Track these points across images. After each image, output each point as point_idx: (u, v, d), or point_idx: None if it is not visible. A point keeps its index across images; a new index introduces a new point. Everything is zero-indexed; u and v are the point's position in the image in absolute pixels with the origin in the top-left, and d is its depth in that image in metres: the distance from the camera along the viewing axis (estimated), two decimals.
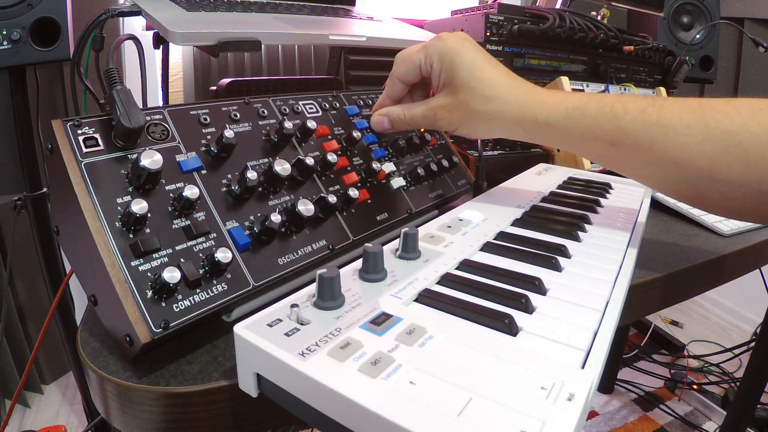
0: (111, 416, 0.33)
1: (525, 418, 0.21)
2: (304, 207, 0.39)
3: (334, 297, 0.30)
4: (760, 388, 1.18)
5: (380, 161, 0.51)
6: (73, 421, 1.42)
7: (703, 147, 0.39)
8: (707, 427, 1.49)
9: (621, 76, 0.93)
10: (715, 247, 0.57)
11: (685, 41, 1.14)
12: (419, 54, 0.47)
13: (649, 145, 0.40)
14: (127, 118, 0.34)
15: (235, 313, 0.37)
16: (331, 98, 0.53)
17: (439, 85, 0.47)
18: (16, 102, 0.82)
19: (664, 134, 0.40)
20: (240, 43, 0.55)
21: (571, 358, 0.27)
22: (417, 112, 0.48)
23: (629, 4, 1.09)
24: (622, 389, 1.66)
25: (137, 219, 0.32)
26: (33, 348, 1.04)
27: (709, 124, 0.38)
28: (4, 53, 0.71)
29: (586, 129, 0.43)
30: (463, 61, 0.45)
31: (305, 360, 0.25)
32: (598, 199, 0.54)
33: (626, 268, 0.39)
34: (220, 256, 0.33)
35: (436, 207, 0.56)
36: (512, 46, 0.80)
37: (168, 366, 0.32)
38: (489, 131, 0.47)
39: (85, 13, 0.85)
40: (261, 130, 0.44)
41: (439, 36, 0.47)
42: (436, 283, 0.35)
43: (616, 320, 0.31)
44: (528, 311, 0.31)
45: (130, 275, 0.31)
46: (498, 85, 0.45)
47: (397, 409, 0.21)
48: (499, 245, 0.41)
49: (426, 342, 0.27)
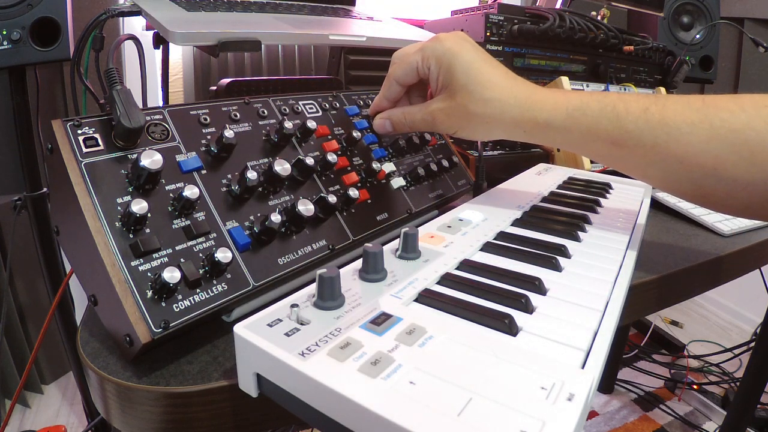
0: (111, 416, 0.33)
1: (525, 418, 0.21)
2: (304, 207, 0.39)
3: (334, 297, 0.30)
4: (760, 388, 1.18)
5: (380, 161, 0.51)
6: (73, 421, 1.42)
7: (707, 146, 0.38)
8: (707, 427, 1.49)
9: (621, 76, 0.93)
10: (715, 247, 0.57)
11: (685, 41, 1.14)
12: (416, 56, 0.46)
13: (652, 144, 0.40)
14: (127, 118, 0.34)
15: (235, 313, 0.37)
16: (331, 98, 0.53)
17: (437, 88, 0.46)
18: (16, 102, 0.82)
19: (668, 133, 0.39)
20: (240, 43, 0.55)
21: (571, 358, 0.27)
22: (416, 116, 0.48)
23: (629, 4, 1.09)
24: (622, 389, 1.66)
25: (137, 219, 0.32)
26: (33, 348, 1.04)
27: (714, 123, 0.38)
28: (4, 53, 0.71)
29: (588, 129, 0.42)
30: (461, 62, 0.44)
31: (305, 360, 0.25)
32: (598, 199, 0.54)
33: (626, 268, 0.39)
34: (220, 256, 0.33)
35: (436, 207, 0.56)
36: (512, 46, 0.80)
37: (168, 366, 0.32)
38: (488, 133, 0.46)
39: (85, 13, 0.85)
40: (261, 130, 0.44)
41: (436, 37, 0.46)
42: (436, 283, 0.35)
43: (616, 320, 0.31)
44: (528, 311, 0.31)
45: (130, 275, 0.31)
46: (497, 86, 0.44)
47: (397, 409, 0.21)
48: (499, 245, 0.41)
49: (426, 342, 0.27)
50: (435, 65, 0.45)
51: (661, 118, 0.40)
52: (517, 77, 0.46)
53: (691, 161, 0.39)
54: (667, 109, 0.40)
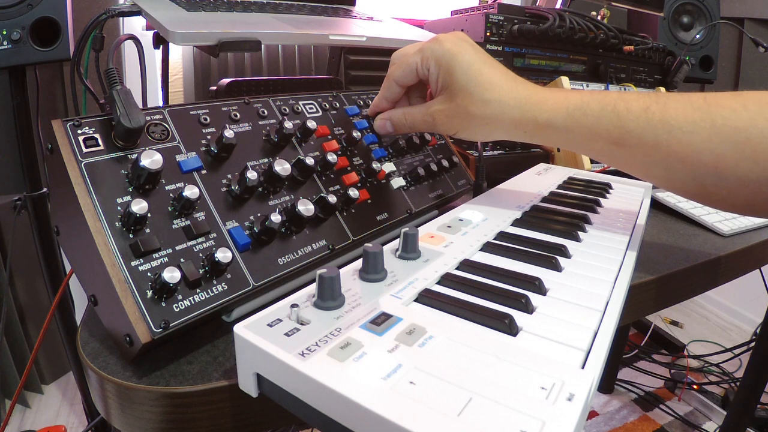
0: (111, 416, 0.33)
1: (525, 418, 0.21)
2: (304, 207, 0.39)
3: (334, 297, 0.30)
4: (760, 388, 1.18)
5: (380, 161, 0.51)
6: (73, 421, 1.42)
7: (709, 144, 0.38)
8: (707, 427, 1.49)
9: (621, 76, 0.93)
10: (715, 247, 0.57)
11: (685, 41, 1.14)
12: (416, 57, 0.46)
13: (654, 143, 0.40)
14: (127, 118, 0.34)
15: (235, 313, 0.37)
16: (331, 98, 0.53)
17: (437, 89, 0.46)
18: (16, 102, 0.82)
19: (669, 132, 0.39)
20: (240, 43, 0.55)
21: (571, 358, 0.27)
22: (417, 117, 0.48)
23: (629, 4, 1.09)
24: (622, 389, 1.66)
25: (137, 219, 0.32)
26: (33, 348, 1.04)
27: (716, 121, 0.38)
28: (4, 53, 0.71)
29: (589, 129, 0.42)
30: (461, 63, 0.44)
31: (305, 360, 0.25)
32: (598, 199, 0.54)
33: (626, 268, 0.39)
34: (220, 256, 0.33)
35: (436, 207, 0.56)
36: (512, 46, 0.80)
37: (168, 366, 0.32)
38: (489, 134, 0.46)
39: (85, 13, 0.85)
40: (261, 130, 0.44)
41: (436, 38, 0.46)
42: (436, 283, 0.35)
43: (616, 320, 0.31)
44: (528, 311, 0.31)
45: (130, 275, 0.31)
46: (497, 87, 0.44)
47: (397, 409, 0.21)
48: (499, 245, 0.41)
49: (426, 342, 0.27)
50: (435, 66, 0.45)
51: (662, 116, 0.39)
52: (516, 78, 0.46)
53: (693, 159, 0.39)
54: (669, 108, 0.40)
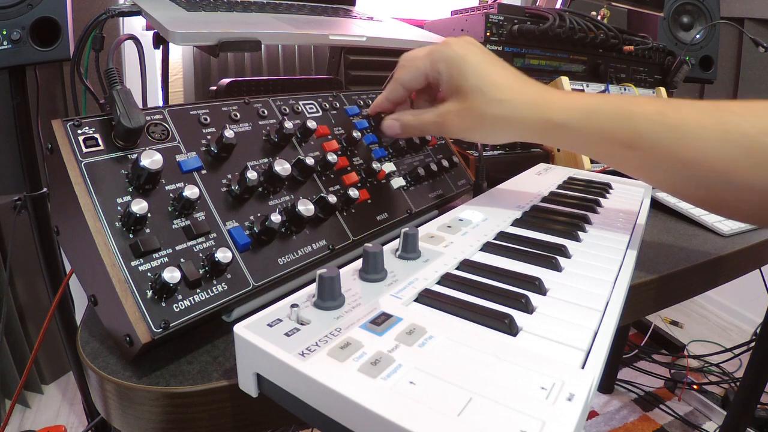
0: (111, 416, 0.33)
1: (525, 418, 0.21)
2: (304, 207, 0.39)
3: (334, 297, 0.30)
4: (760, 388, 1.18)
5: (380, 161, 0.51)
6: (73, 421, 1.42)
7: (720, 150, 0.38)
8: (707, 427, 1.49)
9: (621, 76, 0.93)
10: (715, 247, 0.57)
11: (685, 41, 1.14)
12: (425, 60, 0.46)
13: (666, 147, 0.39)
14: (127, 118, 0.34)
15: (235, 313, 0.37)
16: (331, 98, 0.53)
17: (448, 92, 0.46)
18: (16, 102, 0.82)
19: (681, 137, 0.39)
20: (240, 43, 0.55)
21: (571, 358, 0.27)
22: (427, 119, 0.48)
23: (629, 4, 1.09)
24: (622, 389, 1.66)
25: (137, 219, 0.32)
26: (33, 348, 1.04)
27: (727, 127, 0.38)
28: (4, 53, 0.71)
29: (602, 130, 0.42)
30: (472, 64, 0.44)
31: (305, 360, 0.25)
32: (598, 199, 0.54)
33: (626, 268, 0.39)
34: (220, 256, 0.33)
35: (436, 207, 0.56)
36: (512, 46, 0.80)
37: (168, 366, 0.32)
38: (499, 135, 0.46)
39: (85, 13, 0.85)
40: (261, 130, 0.44)
41: (444, 41, 0.46)
42: (436, 283, 0.35)
43: (616, 320, 0.31)
44: (528, 311, 0.31)
45: (130, 275, 0.31)
46: (508, 87, 0.44)
47: (397, 409, 0.21)
48: (499, 245, 0.41)
49: (426, 342, 0.27)
50: (445, 69, 0.45)
51: (674, 121, 0.39)
52: (526, 78, 0.46)
53: (704, 165, 0.39)
54: (681, 113, 0.39)
